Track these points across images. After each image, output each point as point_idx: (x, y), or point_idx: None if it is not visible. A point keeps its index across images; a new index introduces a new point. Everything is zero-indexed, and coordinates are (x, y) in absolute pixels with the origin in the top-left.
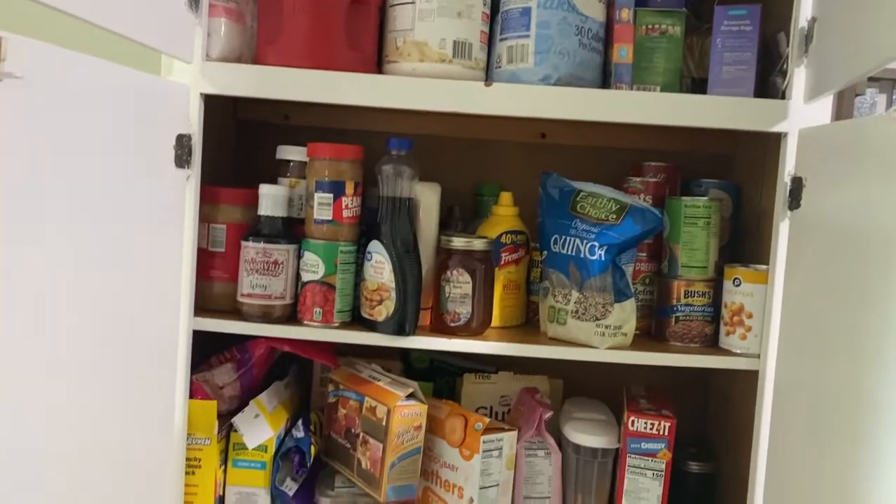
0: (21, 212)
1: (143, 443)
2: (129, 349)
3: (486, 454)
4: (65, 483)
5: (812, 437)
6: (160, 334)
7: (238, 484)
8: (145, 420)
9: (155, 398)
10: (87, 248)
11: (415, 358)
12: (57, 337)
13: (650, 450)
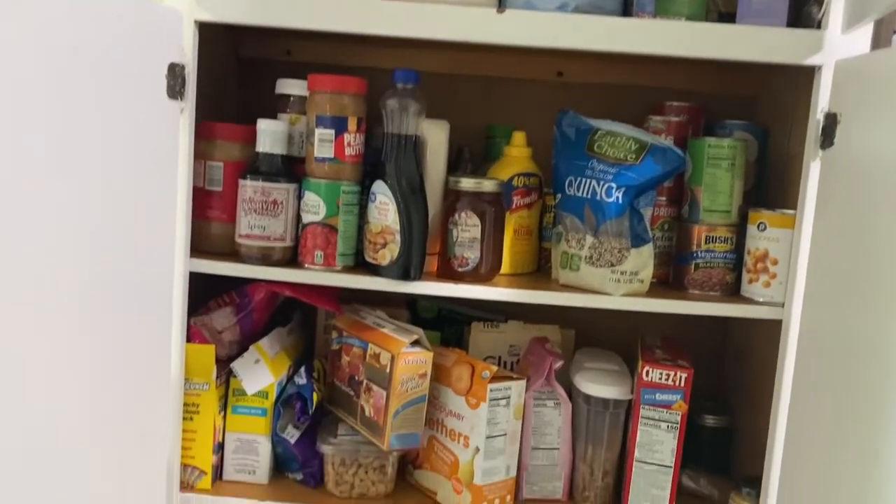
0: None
1: (139, 387)
2: (122, 291)
3: (493, 403)
4: (62, 427)
5: (837, 390)
6: (154, 276)
7: (238, 430)
8: (141, 364)
9: (151, 342)
10: (72, 183)
11: (422, 307)
12: (46, 280)
13: (665, 401)
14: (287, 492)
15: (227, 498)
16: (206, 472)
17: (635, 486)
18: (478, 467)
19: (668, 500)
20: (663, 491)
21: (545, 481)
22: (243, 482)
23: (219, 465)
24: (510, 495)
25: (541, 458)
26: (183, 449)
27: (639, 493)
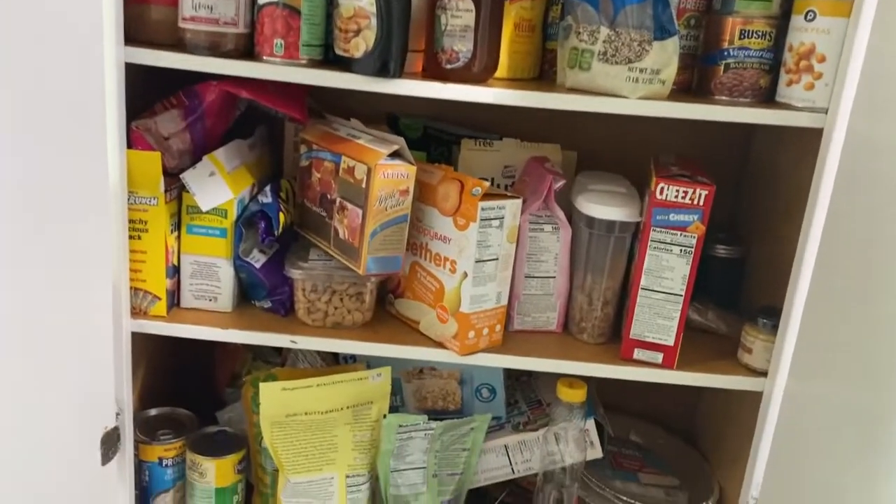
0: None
1: (75, 201)
2: (44, 88)
3: (484, 223)
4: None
5: (881, 212)
6: (83, 68)
7: (194, 252)
8: (76, 175)
9: (86, 149)
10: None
11: (405, 125)
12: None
13: (680, 222)
14: (253, 320)
15: (186, 325)
16: (161, 297)
17: (639, 315)
18: (465, 294)
19: (676, 330)
20: (670, 321)
21: (538, 312)
22: (203, 310)
23: (175, 291)
24: (500, 325)
25: (535, 287)
26: (132, 272)
27: (643, 322)
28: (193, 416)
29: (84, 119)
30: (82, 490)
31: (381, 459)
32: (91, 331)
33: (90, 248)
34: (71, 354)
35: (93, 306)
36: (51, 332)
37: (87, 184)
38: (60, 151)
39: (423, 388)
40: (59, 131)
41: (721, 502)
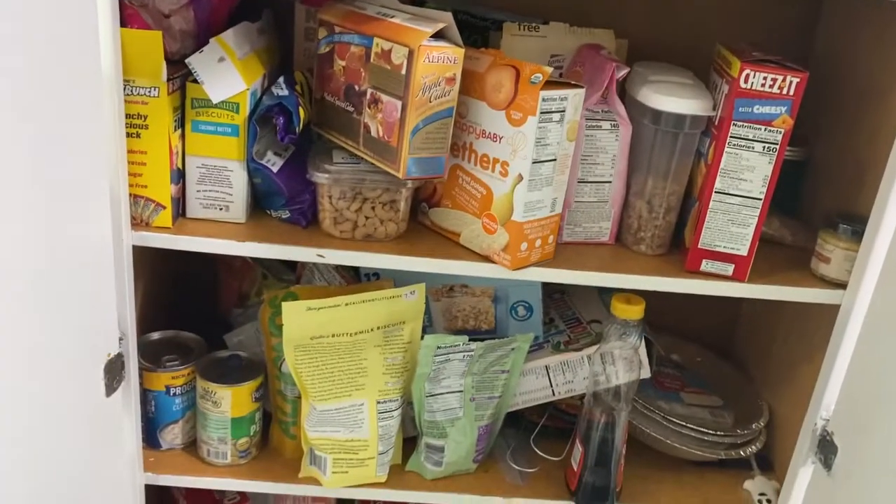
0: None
1: (62, 89)
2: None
3: (544, 118)
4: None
5: None
6: None
7: (202, 154)
8: (61, 58)
9: (71, 28)
10: None
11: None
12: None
13: (766, 115)
14: (272, 232)
15: (196, 238)
16: (165, 205)
17: (711, 222)
18: (519, 200)
19: (751, 239)
20: (745, 229)
21: (590, 221)
22: (214, 220)
23: (180, 199)
24: (553, 235)
25: (588, 193)
26: (132, 176)
27: (714, 231)
28: (201, 340)
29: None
30: (85, 424)
31: (416, 384)
32: (88, 244)
33: (82, 148)
34: (67, 273)
35: (89, 216)
36: (43, 248)
37: (76, 71)
38: (44, 34)
39: (453, 307)
40: (40, 8)
41: (772, 423)
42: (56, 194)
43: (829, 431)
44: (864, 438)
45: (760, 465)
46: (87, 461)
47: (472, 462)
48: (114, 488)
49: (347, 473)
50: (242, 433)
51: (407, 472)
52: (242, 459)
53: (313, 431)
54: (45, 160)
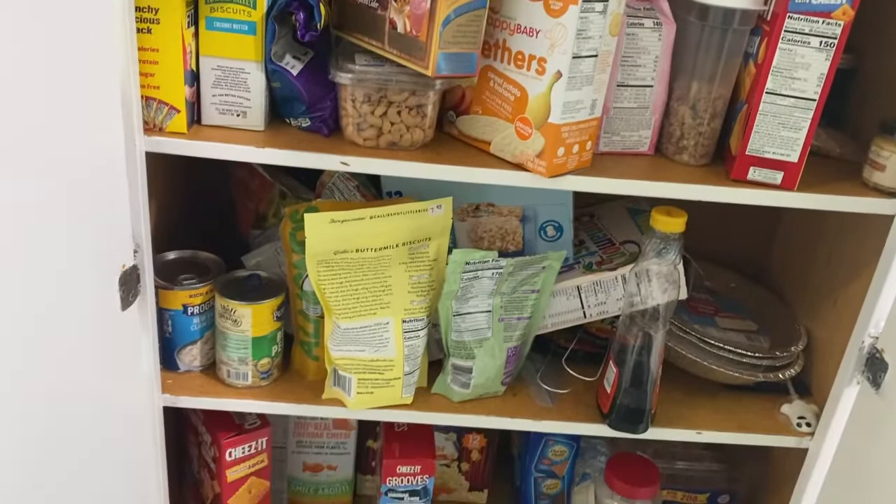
0: None
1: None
2: None
3: (586, 7)
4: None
5: None
6: None
7: (217, 55)
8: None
9: None
10: None
11: None
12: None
13: (824, 6)
14: (292, 140)
15: (213, 143)
16: (179, 108)
17: (760, 126)
18: (557, 100)
19: (803, 144)
20: (797, 132)
21: (629, 129)
22: (230, 127)
23: (195, 104)
24: (592, 142)
25: (628, 98)
26: (143, 76)
27: (764, 135)
28: (219, 260)
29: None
30: (101, 340)
31: (443, 302)
32: (99, 149)
33: (90, 43)
34: (78, 180)
35: (99, 119)
36: (51, 153)
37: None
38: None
39: (479, 227)
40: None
41: (810, 347)
42: (63, 94)
43: (879, 349)
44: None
45: (797, 390)
46: (103, 380)
47: (501, 384)
48: (131, 410)
49: (373, 394)
50: (263, 353)
51: (433, 394)
52: (264, 381)
53: (337, 351)
54: (51, 57)
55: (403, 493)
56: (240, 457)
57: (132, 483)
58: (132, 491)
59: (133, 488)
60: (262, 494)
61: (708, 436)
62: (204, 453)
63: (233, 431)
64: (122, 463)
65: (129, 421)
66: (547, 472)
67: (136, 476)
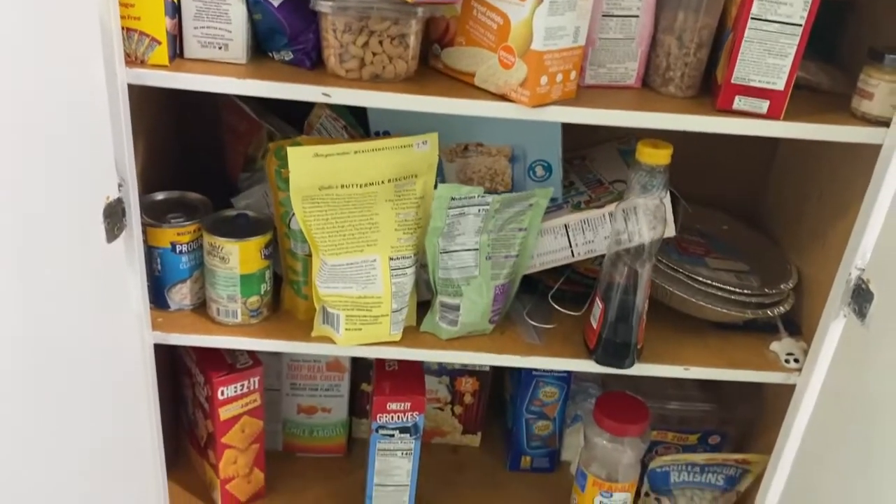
0: None
1: None
2: None
3: None
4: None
5: None
6: None
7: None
8: None
9: None
10: None
11: None
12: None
13: None
14: (274, 73)
15: (194, 75)
16: (160, 40)
17: (746, 54)
18: (538, 26)
19: (788, 71)
20: (783, 59)
21: (615, 62)
22: (212, 60)
23: (176, 37)
24: (576, 71)
25: (614, 29)
26: (123, 7)
27: (749, 63)
28: (207, 200)
29: None
30: (88, 272)
31: (430, 239)
32: (80, 80)
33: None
34: (59, 112)
35: (79, 50)
36: (31, 84)
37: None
38: None
39: (467, 168)
40: None
41: (800, 286)
42: (42, 23)
43: (865, 280)
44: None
45: (787, 329)
46: (91, 314)
47: (489, 323)
48: (122, 346)
49: (361, 331)
50: (252, 291)
51: (422, 333)
52: (253, 319)
53: (325, 287)
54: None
55: (394, 429)
56: (232, 395)
57: (125, 420)
58: (125, 428)
59: (126, 425)
60: (256, 434)
61: (695, 372)
62: (198, 394)
63: (224, 370)
64: (114, 400)
65: (121, 357)
66: (538, 413)
67: (129, 413)
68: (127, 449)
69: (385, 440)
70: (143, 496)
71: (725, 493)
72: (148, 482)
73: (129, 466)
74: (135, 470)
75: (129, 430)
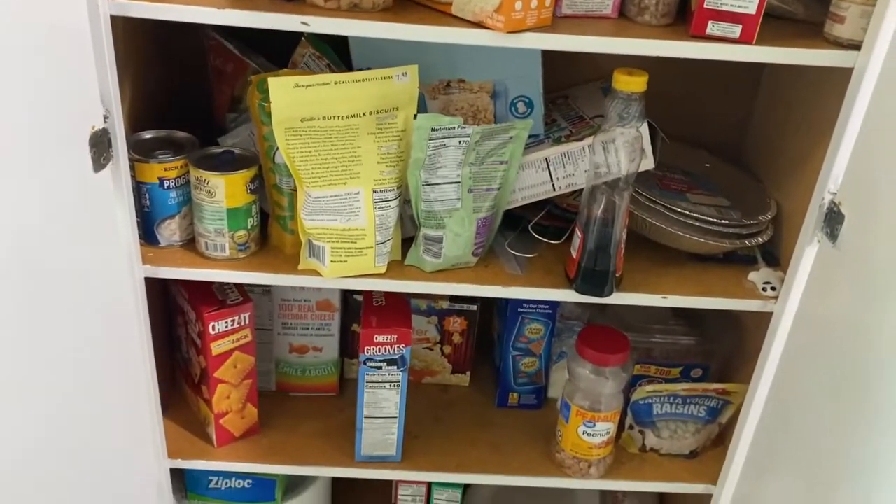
0: None
1: None
2: None
3: None
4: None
5: None
6: None
7: None
8: None
9: None
10: None
11: None
12: None
13: None
14: (255, 3)
15: (173, 6)
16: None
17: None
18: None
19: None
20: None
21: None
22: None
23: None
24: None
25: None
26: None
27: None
28: (194, 139)
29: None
30: (77, 200)
31: (412, 171)
32: (62, 9)
33: None
34: (40, 42)
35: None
36: (8, 13)
37: None
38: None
39: (450, 105)
40: None
41: (780, 219)
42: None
43: (837, 202)
44: (872, 203)
45: (766, 260)
46: (82, 245)
47: (472, 256)
48: (113, 279)
49: (346, 263)
50: (239, 225)
51: (406, 266)
52: (241, 253)
53: (310, 220)
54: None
55: (381, 361)
56: (223, 331)
57: (119, 355)
58: (119, 362)
59: (120, 360)
60: (248, 370)
61: (673, 300)
62: (190, 332)
63: (215, 306)
64: (107, 334)
65: (113, 291)
66: (524, 350)
67: (122, 348)
68: (122, 383)
69: (373, 372)
70: (139, 432)
71: (708, 424)
72: (143, 417)
73: (126, 400)
74: (130, 404)
75: (124, 365)
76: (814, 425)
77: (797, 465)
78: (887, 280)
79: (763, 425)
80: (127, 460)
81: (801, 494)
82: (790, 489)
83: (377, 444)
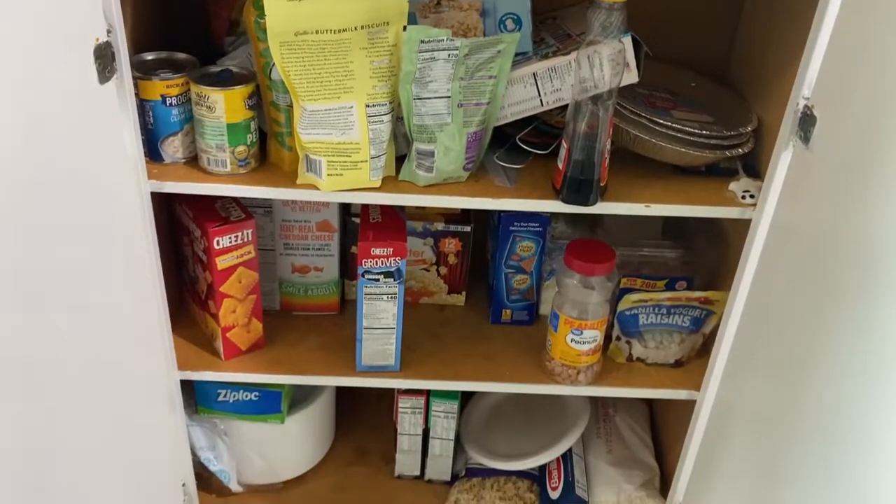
0: None
1: None
2: None
3: None
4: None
5: None
6: None
7: None
8: None
9: None
10: None
11: None
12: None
13: None
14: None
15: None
16: None
17: None
18: None
19: None
20: None
21: None
22: None
23: None
24: None
25: None
26: None
27: None
28: (194, 59)
29: None
30: (84, 111)
31: (403, 85)
32: None
33: None
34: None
35: None
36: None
37: None
38: None
39: (440, 23)
40: None
41: (761, 132)
42: None
43: (810, 106)
44: (841, 105)
45: (746, 171)
46: (89, 161)
47: (463, 170)
48: (120, 193)
49: (342, 176)
50: (239, 140)
51: (400, 181)
52: (242, 168)
53: (306, 134)
54: None
55: (378, 274)
56: (228, 246)
57: (127, 268)
58: (128, 276)
59: (128, 274)
60: (252, 285)
61: (655, 209)
62: (196, 249)
63: (219, 222)
64: (116, 248)
65: (121, 205)
66: (516, 267)
67: (131, 261)
68: (133, 297)
69: (371, 284)
70: (150, 345)
71: (692, 334)
72: (154, 329)
73: (136, 312)
74: (141, 317)
75: (134, 279)
76: (788, 330)
77: (772, 369)
78: (856, 178)
79: (741, 332)
80: (139, 373)
81: (776, 394)
82: (766, 390)
83: (377, 355)
